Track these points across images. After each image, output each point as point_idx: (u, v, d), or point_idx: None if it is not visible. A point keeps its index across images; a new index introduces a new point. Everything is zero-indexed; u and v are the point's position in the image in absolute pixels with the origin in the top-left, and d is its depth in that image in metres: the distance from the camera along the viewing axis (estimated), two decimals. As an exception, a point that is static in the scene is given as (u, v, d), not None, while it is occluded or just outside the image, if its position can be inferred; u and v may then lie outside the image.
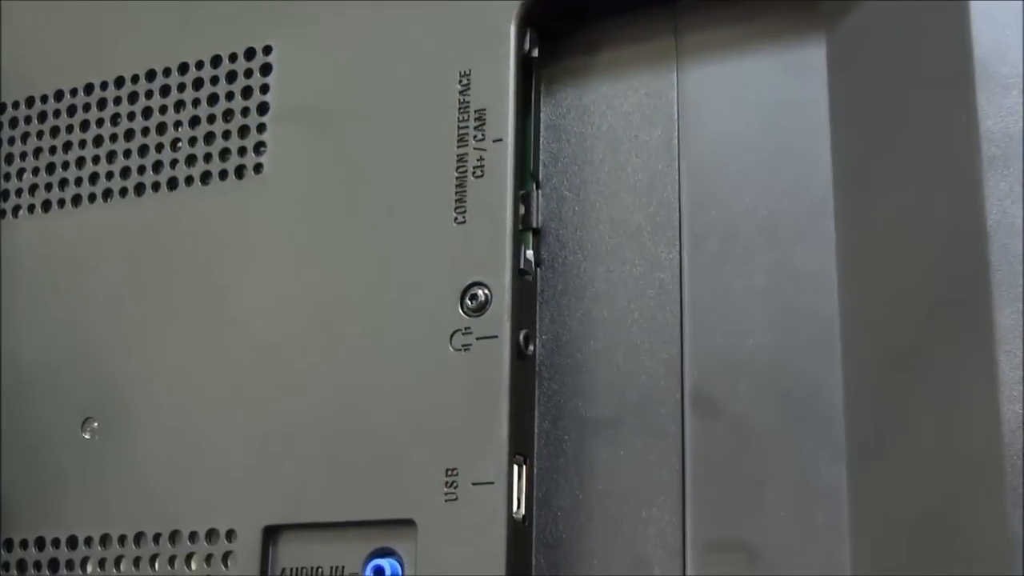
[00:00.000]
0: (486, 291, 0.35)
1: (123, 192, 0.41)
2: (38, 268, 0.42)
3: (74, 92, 0.43)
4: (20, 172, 0.44)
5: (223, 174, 0.40)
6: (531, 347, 0.36)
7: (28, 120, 0.44)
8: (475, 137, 0.36)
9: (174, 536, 0.37)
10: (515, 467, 0.34)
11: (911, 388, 0.31)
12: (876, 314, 0.32)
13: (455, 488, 0.33)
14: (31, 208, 0.43)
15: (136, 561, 0.38)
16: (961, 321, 0.30)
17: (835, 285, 0.33)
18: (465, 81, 0.36)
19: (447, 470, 0.34)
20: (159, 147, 0.41)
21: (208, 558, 0.37)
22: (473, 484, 0.33)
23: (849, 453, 0.32)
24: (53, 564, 0.39)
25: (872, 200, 0.33)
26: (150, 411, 0.39)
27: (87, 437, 0.40)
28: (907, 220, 0.32)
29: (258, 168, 0.39)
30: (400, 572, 0.34)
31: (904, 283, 0.32)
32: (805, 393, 0.33)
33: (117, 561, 0.38)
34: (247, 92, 0.40)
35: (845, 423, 0.32)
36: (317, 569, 0.36)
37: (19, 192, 0.43)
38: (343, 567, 0.35)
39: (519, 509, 0.34)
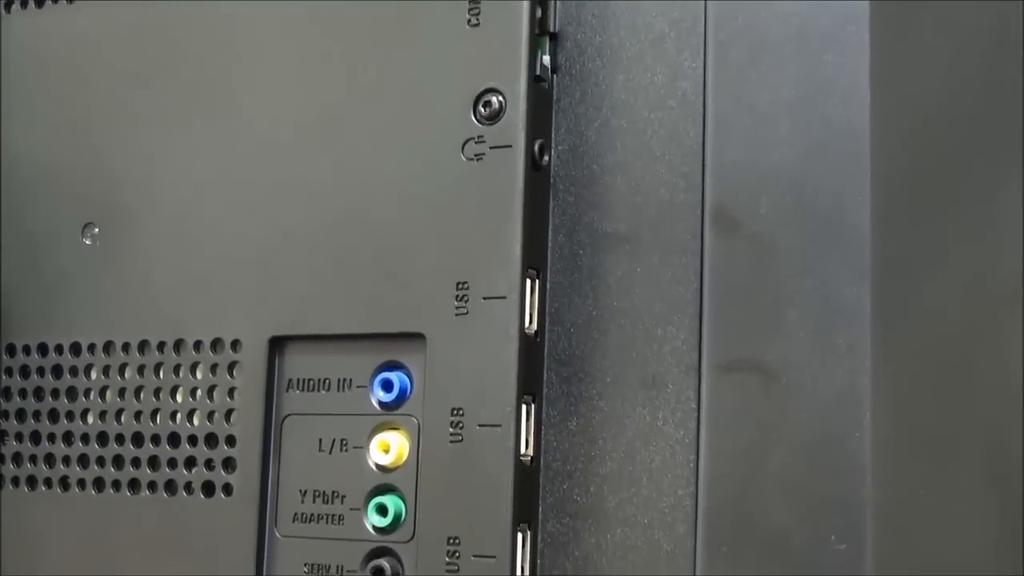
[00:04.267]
0: (500, 98, 0.33)
1: (119, -15, 0.40)
2: (34, 66, 0.41)
3: None
4: (11, -38, 0.42)
5: (226, -31, 0.38)
6: (546, 157, 0.35)
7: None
8: (490, -67, 0.34)
9: (178, 345, 0.37)
10: (528, 281, 0.33)
11: (942, 209, 0.30)
12: (909, 130, 0.31)
13: (466, 302, 0.33)
14: (24, 2, 0.41)
15: (140, 369, 0.38)
16: (998, 140, 0.29)
17: (867, 98, 0.32)
18: None
19: (458, 283, 0.33)
20: (157, -63, 0.39)
21: (213, 367, 0.36)
22: (484, 298, 0.33)
23: (874, 274, 0.31)
24: (56, 370, 0.39)
25: (910, 7, 0.32)
26: (152, 217, 0.38)
27: (88, 243, 0.39)
28: (947, 30, 0.31)
29: (262, -37, 0.38)
30: (408, 386, 0.34)
31: (940, 98, 0.30)
32: (830, 211, 0.32)
33: (121, 368, 0.38)
34: None
35: (871, 243, 0.31)
36: (324, 381, 0.35)
37: (11, -16, 0.42)
38: (351, 379, 0.35)
39: (531, 324, 0.33)
